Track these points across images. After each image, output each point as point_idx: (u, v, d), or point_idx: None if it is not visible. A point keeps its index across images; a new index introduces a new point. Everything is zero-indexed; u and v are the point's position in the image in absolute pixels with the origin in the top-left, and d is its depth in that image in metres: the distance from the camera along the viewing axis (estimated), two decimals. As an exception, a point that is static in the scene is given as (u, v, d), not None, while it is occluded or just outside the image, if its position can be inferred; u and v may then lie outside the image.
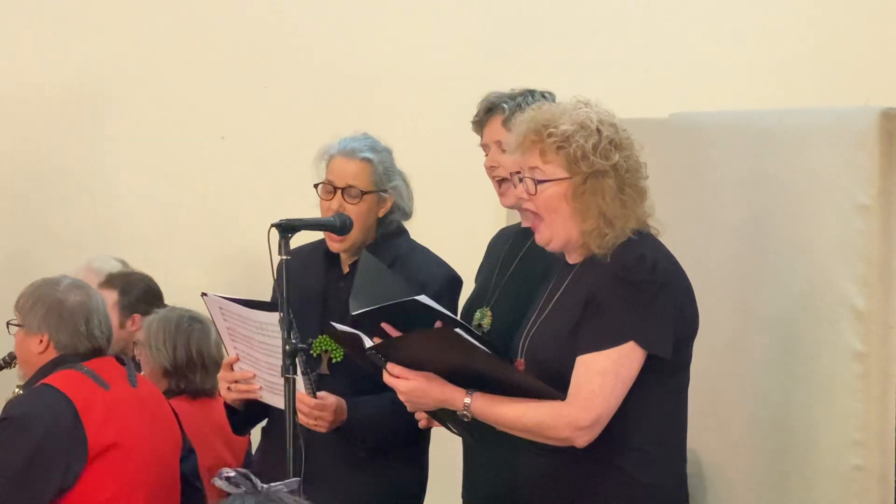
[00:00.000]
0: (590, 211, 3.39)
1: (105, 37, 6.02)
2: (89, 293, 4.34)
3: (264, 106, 6.02)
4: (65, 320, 4.25)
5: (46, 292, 4.29)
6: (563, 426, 3.33)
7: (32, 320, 4.27)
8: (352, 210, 4.00)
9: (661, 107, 4.81)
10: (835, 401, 3.71)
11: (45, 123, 6.01)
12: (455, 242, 4.86)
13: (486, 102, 3.91)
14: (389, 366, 3.42)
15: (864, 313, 3.64)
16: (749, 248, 4.03)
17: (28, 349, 4.30)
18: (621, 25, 6.04)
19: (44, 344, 4.27)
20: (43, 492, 4.11)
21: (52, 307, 4.26)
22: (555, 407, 3.34)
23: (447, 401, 3.41)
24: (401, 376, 3.41)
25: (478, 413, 3.40)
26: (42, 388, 4.20)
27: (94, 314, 4.29)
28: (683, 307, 3.42)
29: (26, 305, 4.30)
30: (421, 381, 3.40)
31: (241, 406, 4.03)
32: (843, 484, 3.68)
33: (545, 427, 3.35)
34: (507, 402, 3.37)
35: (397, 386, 3.42)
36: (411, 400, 3.44)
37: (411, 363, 3.40)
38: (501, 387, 3.38)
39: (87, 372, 4.23)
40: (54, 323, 4.25)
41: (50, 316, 4.26)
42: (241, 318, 3.85)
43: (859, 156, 3.63)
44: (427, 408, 3.49)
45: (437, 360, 3.38)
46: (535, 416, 3.35)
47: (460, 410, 3.40)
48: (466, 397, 3.39)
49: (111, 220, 6.03)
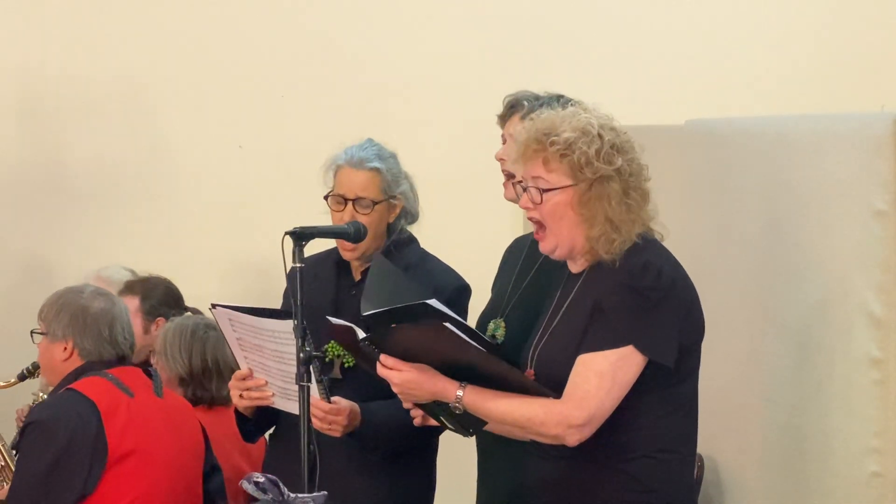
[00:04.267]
0: (596, 217, 3.38)
1: (122, 46, 6.03)
2: (113, 300, 4.35)
3: (281, 115, 6.03)
4: (89, 327, 4.26)
5: (70, 300, 4.30)
6: (554, 423, 3.32)
7: (57, 328, 4.28)
8: (364, 220, 4.00)
9: (677, 113, 4.81)
10: (852, 407, 3.70)
11: (60, 130, 6.03)
12: (470, 249, 4.86)
13: (511, 98, 3.91)
14: (383, 357, 3.42)
15: (882, 320, 3.63)
16: (765, 255, 4.02)
17: (52, 357, 4.30)
18: (637, 32, 6.04)
19: (68, 351, 4.27)
20: (65, 496, 4.11)
21: (76, 314, 4.27)
22: (548, 403, 3.34)
23: (439, 392, 3.40)
24: (394, 368, 3.41)
25: (470, 405, 3.39)
26: (68, 392, 4.20)
27: (117, 321, 4.29)
28: (689, 314, 3.41)
29: (50, 313, 4.30)
30: (414, 373, 3.40)
31: (252, 413, 4.04)
32: (861, 491, 3.67)
33: (537, 423, 3.34)
34: (499, 396, 3.37)
35: (390, 377, 3.42)
36: (404, 392, 3.44)
37: (405, 355, 3.40)
38: (495, 383, 3.38)
39: (112, 379, 4.23)
40: (79, 330, 4.26)
41: (74, 323, 4.26)
42: (252, 327, 3.85)
43: (876, 162, 3.62)
44: (420, 399, 3.49)
45: (430, 354, 3.39)
46: (528, 411, 3.35)
47: (452, 402, 3.40)
48: (459, 389, 3.39)
49: (127, 227, 6.04)
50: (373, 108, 5.89)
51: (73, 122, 6.03)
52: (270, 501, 2.39)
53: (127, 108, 6.02)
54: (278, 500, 2.40)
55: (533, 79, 4.11)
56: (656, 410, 3.39)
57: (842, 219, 3.72)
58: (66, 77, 6.01)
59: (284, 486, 2.41)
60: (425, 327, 3.40)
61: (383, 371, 3.43)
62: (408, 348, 3.40)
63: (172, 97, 6.03)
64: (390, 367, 3.42)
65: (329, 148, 4.15)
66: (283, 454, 3.99)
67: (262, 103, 6.03)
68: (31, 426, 4.17)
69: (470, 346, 3.35)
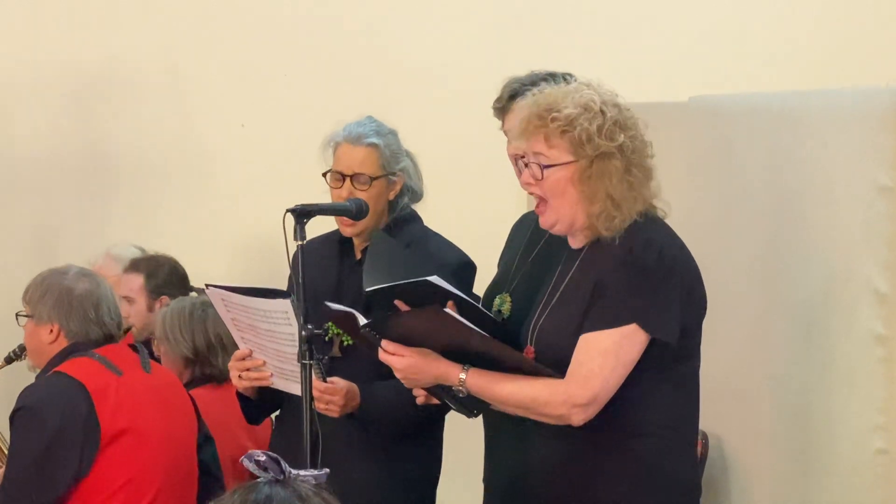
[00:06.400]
0: (597, 194, 3.37)
1: (126, 25, 6.02)
2: (97, 281, 4.34)
3: (284, 94, 6.02)
4: (74, 308, 4.25)
5: (54, 281, 4.29)
6: (559, 402, 3.32)
7: (42, 310, 4.27)
8: (362, 196, 3.99)
9: (680, 90, 4.79)
10: (857, 385, 3.69)
11: (65, 111, 6.01)
12: (476, 228, 4.85)
13: (508, 89, 3.88)
14: (384, 343, 3.42)
15: (887, 296, 3.63)
16: (770, 232, 4.01)
17: (39, 339, 4.29)
18: (640, 9, 6.02)
19: (54, 333, 4.26)
20: (59, 479, 4.11)
21: (60, 296, 4.26)
22: (552, 384, 3.33)
23: (442, 376, 3.40)
24: (396, 353, 3.41)
25: (473, 388, 3.39)
26: (56, 375, 4.19)
27: (102, 301, 4.28)
28: (691, 292, 3.40)
29: (35, 296, 4.29)
30: (416, 358, 3.39)
31: (254, 394, 4.04)
32: (866, 468, 3.67)
33: (541, 403, 3.34)
34: (502, 378, 3.37)
35: (392, 362, 3.42)
36: (407, 377, 3.44)
37: (407, 340, 3.40)
38: (498, 365, 3.38)
39: (100, 359, 4.23)
40: (64, 312, 4.25)
41: (59, 305, 4.25)
42: (244, 307, 3.85)
43: (881, 138, 3.62)
44: (423, 384, 3.49)
45: (432, 338, 3.38)
46: (532, 392, 3.35)
47: (455, 386, 3.39)
48: (462, 373, 3.38)
49: (131, 207, 6.03)
50: (377, 88, 5.88)
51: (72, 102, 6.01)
52: (272, 483, 2.38)
53: (129, 87, 6.01)
54: (279, 478, 2.38)
55: (535, 57, 4.09)
56: (659, 388, 3.38)
57: (847, 195, 3.72)
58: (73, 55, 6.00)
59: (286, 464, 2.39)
60: (426, 312, 3.40)
61: (385, 357, 3.43)
62: (409, 333, 3.39)
63: (173, 78, 6.02)
64: (392, 352, 3.41)
65: (333, 127, 4.14)
66: (288, 436, 3.99)
67: (265, 82, 6.02)
68: (20, 412, 4.17)
69: (471, 329, 3.34)
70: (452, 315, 3.32)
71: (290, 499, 2.35)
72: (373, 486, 3.96)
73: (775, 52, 5.90)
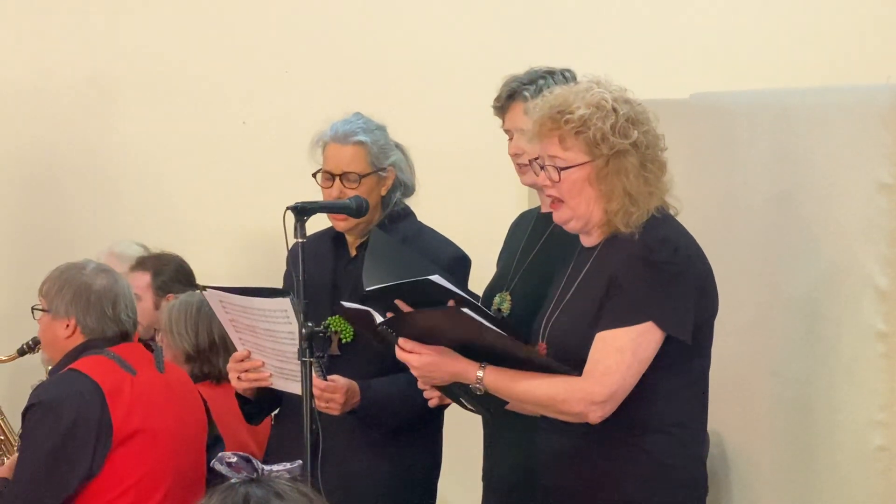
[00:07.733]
0: (614, 191, 3.37)
1: (128, 20, 6.02)
2: (115, 277, 4.32)
3: (286, 91, 6.02)
4: (92, 304, 4.22)
5: (73, 276, 4.26)
6: (577, 400, 3.32)
7: (59, 305, 4.24)
8: (352, 194, 3.98)
9: (682, 87, 4.79)
10: (857, 380, 3.69)
11: (67, 108, 6.01)
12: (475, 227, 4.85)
13: (507, 88, 3.87)
14: (401, 340, 3.41)
15: (887, 293, 3.63)
16: (771, 229, 4.01)
17: (54, 334, 4.27)
18: (641, 5, 6.02)
19: (70, 328, 4.24)
20: (70, 477, 4.10)
21: (79, 291, 4.23)
22: (569, 381, 3.33)
23: (460, 374, 3.40)
24: (413, 351, 3.40)
25: (491, 386, 3.39)
26: (70, 373, 4.17)
27: (120, 298, 4.26)
28: (704, 290, 3.41)
29: (52, 290, 4.26)
30: (433, 355, 3.39)
31: (253, 395, 4.04)
32: (866, 464, 3.67)
33: (559, 401, 3.34)
34: (520, 376, 3.37)
35: (410, 360, 3.41)
36: (424, 374, 3.44)
37: (423, 338, 3.40)
38: (514, 363, 3.38)
39: (114, 357, 4.21)
40: (82, 307, 4.22)
41: (77, 300, 4.23)
42: (243, 307, 3.85)
43: (881, 134, 3.62)
44: (440, 382, 3.48)
45: (448, 336, 3.38)
46: (549, 390, 3.35)
47: (473, 383, 3.39)
48: (479, 370, 3.38)
49: (133, 205, 6.03)
50: (376, 84, 5.88)
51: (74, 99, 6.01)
52: (244, 479, 2.36)
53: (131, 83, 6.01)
54: (251, 477, 2.36)
55: (537, 53, 4.10)
56: (670, 385, 3.39)
57: (847, 192, 3.72)
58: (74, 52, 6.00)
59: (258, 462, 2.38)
60: (443, 311, 3.40)
61: (402, 355, 3.42)
62: (426, 331, 3.39)
63: (177, 73, 6.02)
64: (409, 350, 3.41)
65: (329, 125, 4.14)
66: (287, 434, 3.99)
67: (266, 79, 6.02)
68: (34, 407, 4.15)
69: (488, 328, 3.34)
70: (469, 314, 3.31)
71: (266, 497, 2.34)
72: (373, 481, 3.97)
73: (776, 50, 5.91)
